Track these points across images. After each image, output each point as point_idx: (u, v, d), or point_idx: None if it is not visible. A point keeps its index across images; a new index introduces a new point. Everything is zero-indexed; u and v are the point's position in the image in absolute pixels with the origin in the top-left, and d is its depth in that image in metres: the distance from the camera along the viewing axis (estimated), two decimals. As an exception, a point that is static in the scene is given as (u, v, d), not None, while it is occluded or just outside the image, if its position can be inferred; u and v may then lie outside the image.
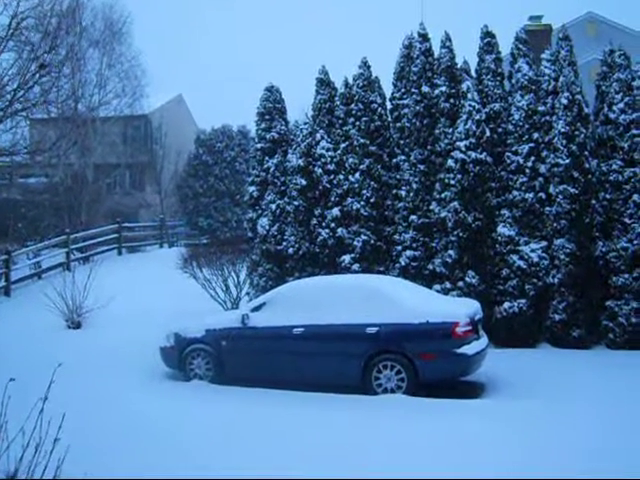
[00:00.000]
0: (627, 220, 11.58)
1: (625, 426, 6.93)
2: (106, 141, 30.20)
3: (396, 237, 13.09)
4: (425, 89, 13.19)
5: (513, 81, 13.07)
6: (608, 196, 11.86)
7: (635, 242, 11.44)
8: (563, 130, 11.97)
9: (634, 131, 11.74)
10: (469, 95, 12.68)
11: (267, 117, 15.05)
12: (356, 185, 13.36)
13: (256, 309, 9.83)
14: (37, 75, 16.69)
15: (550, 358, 11.00)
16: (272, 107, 15.10)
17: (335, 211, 13.50)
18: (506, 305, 12.02)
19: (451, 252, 12.31)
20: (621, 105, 11.93)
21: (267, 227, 14.23)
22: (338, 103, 14.21)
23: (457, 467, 5.77)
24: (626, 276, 11.45)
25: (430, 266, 12.72)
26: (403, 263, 12.75)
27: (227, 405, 8.35)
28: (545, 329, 12.00)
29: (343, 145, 13.82)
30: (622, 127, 11.86)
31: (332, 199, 13.68)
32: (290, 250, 13.73)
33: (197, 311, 12.33)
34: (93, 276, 13.85)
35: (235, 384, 9.48)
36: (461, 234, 12.20)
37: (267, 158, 14.81)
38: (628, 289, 11.42)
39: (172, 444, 6.55)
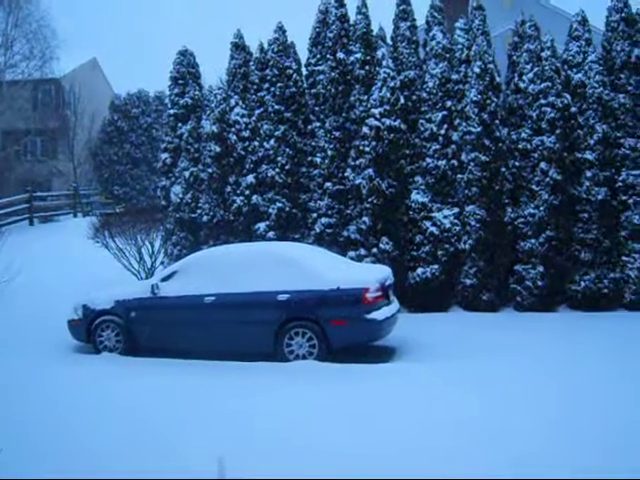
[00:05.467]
0: (534, 187, 11.91)
1: (526, 380, 7.30)
2: (14, 106, 28.72)
3: (311, 204, 13.05)
4: (340, 55, 13.08)
5: (427, 49, 13.13)
6: (517, 164, 12.17)
7: (541, 208, 11.79)
8: (475, 99, 12.13)
9: (542, 100, 12.00)
10: (384, 62, 12.66)
11: (180, 82, 14.66)
12: (271, 152, 13.20)
13: (166, 278, 9.62)
14: None
15: (460, 321, 11.25)
16: (186, 71, 14.71)
17: (250, 178, 13.31)
18: (419, 271, 12.22)
19: (365, 219, 12.38)
20: (530, 75, 12.18)
21: (180, 195, 13.94)
22: (253, 68, 13.90)
23: (361, 428, 5.86)
24: (533, 241, 11.82)
25: (345, 233, 12.75)
26: (318, 230, 12.74)
27: (140, 379, 8.18)
28: (457, 293, 12.28)
29: (258, 111, 13.59)
30: (531, 96, 12.12)
31: (247, 166, 13.47)
32: (204, 218, 13.49)
33: (109, 282, 12.00)
34: (0, 248, 13.21)
35: (146, 355, 9.31)
36: (375, 201, 12.27)
37: (180, 124, 14.45)
38: (535, 254, 11.79)
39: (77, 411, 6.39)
